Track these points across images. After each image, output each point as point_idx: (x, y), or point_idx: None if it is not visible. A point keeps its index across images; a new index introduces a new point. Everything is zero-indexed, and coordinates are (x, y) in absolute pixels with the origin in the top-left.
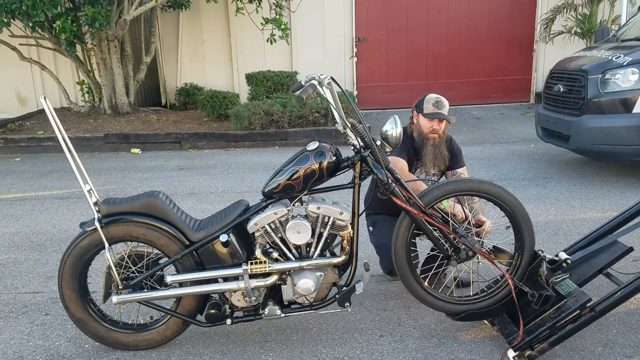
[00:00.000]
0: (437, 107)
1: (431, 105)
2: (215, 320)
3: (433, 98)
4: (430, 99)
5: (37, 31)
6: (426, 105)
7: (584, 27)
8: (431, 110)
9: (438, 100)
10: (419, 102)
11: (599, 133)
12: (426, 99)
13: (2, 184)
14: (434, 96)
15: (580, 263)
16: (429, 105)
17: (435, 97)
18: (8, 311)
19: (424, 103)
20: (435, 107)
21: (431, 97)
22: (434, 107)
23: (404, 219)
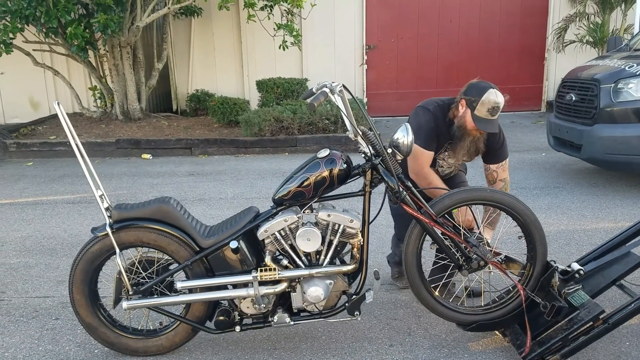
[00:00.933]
0: (492, 114)
1: (486, 110)
2: (224, 327)
3: (491, 102)
4: (487, 102)
5: (50, 37)
6: (480, 108)
7: (596, 36)
8: (484, 115)
9: (496, 106)
10: (474, 95)
11: (612, 142)
12: (483, 100)
13: (14, 188)
14: (492, 100)
15: (593, 274)
16: (482, 109)
17: (493, 102)
18: (19, 315)
19: (479, 103)
20: (490, 113)
21: (489, 99)
22: (487, 113)
23: (414, 228)
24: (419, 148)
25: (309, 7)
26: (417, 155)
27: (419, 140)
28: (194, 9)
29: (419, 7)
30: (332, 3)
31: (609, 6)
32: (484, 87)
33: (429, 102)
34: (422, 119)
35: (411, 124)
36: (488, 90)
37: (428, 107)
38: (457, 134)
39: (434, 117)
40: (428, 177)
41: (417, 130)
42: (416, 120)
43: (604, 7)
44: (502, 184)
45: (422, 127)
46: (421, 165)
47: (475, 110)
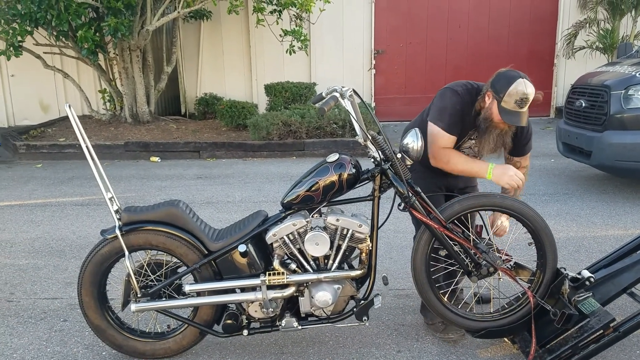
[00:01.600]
0: (520, 105)
1: (513, 102)
2: (232, 331)
3: (519, 93)
4: (515, 93)
5: (61, 40)
6: (507, 99)
7: (606, 43)
8: (512, 107)
9: (524, 97)
10: (501, 85)
11: (622, 149)
12: (510, 91)
13: (23, 189)
14: (520, 90)
15: (604, 282)
16: (510, 100)
17: (521, 93)
18: (27, 316)
19: (506, 94)
20: (518, 105)
21: (518, 90)
22: (515, 105)
23: (423, 233)
24: (438, 130)
25: (317, 11)
26: (436, 138)
27: (441, 122)
28: (204, 13)
29: (427, 12)
30: (340, 8)
31: (619, 12)
32: (512, 76)
33: (457, 83)
34: (449, 101)
35: (435, 104)
36: (517, 80)
37: (456, 88)
38: (483, 126)
39: (462, 100)
40: (447, 156)
41: (441, 111)
42: (442, 102)
43: (614, 13)
44: (524, 170)
45: (447, 108)
46: (438, 146)
47: (502, 101)
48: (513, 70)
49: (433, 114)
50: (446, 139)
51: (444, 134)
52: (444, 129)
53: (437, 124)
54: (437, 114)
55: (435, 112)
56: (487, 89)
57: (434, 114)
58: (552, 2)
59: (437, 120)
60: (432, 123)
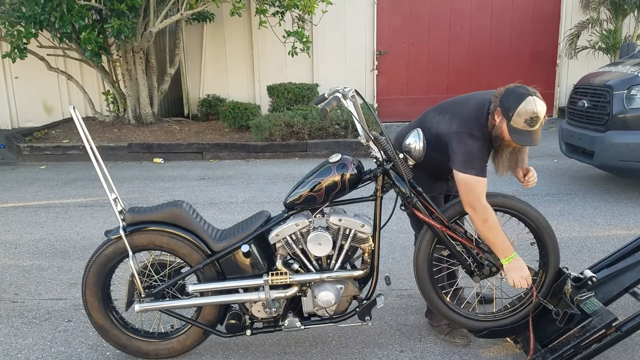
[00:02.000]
0: (531, 125)
1: (523, 121)
2: (235, 331)
3: (529, 112)
4: (524, 112)
5: (64, 42)
6: (516, 119)
7: (608, 43)
8: (522, 127)
9: (534, 116)
10: (510, 104)
11: (624, 149)
12: (519, 110)
13: (27, 191)
14: (530, 110)
15: (606, 281)
16: (519, 120)
17: (531, 112)
18: (31, 317)
19: (515, 113)
20: (528, 124)
21: (527, 109)
22: (525, 125)
23: (426, 233)
24: (473, 177)
25: (320, 13)
26: (472, 185)
27: (473, 170)
28: (206, 15)
29: (430, 12)
30: (343, 9)
31: (622, 12)
32: (522, 94)
33: (469, 125)
34: (472, 146)
35: (456, 150)
36: (526, 98)
37: (473, 132)
38: (495, 145)
39: (482, 139)
40: (487, 214)
41: (469, 157)
42: (464, 147)
43: (616, 14)
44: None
45: (475, 154)
46: (478, 196)
47: (511, 120)
48: (522, 86)
49: (459, 162)
50: (482, 184)
51: (480, 179)
52: (477, 174)
53: (470, 172)
54: (464, 162)
55: (462, 159)
56: (496, 106)
57: (461, 162)
58: (554, 3)
59: (468, 168)
60: (463, 173)
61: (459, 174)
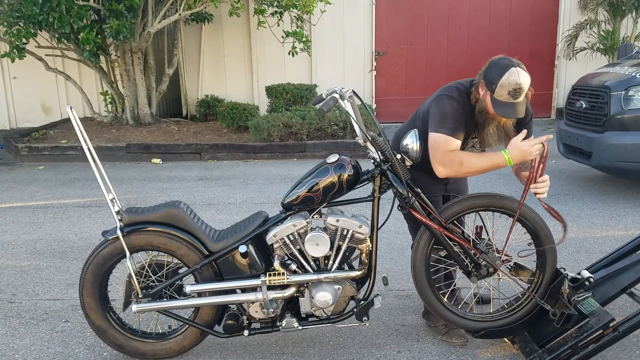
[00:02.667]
0: (514, 96)
1: (506, 93)
2: (232, 331)
3: (512, 84)
4: (507, 84)
5: (62, 42)
6: (499, 90)
7: (606, 44)
8: (505, 99)
9: (518, 88)
10: (493, 76)
11: (622, 150)
12: (502, 82)
13: (25, 191)
14: (513, 80)
15: (603, 282)
16: (503, 92)
17: (514, 83)
18: (29, 317)
19: (498, 85)
20: (512, 96)
21: (510, 80)
22: (509, 96)
23: (423, 234)
24: (443, 136)
25: (318, 13)
26: (440, 144)
27: (445, 129)
28: (205, 16)
29: (428, 14)
30: (341, 9)
31: (620, 13)
32: (505, 65)
33: (449, 89)
34: (448, 107)
35: (432, 112)
36: (509, 69)
37: (451, 94)
38: (480, 120)
39: (460, 104)
40: (459, 158)
41: (442, 118)
42: (440, 109)
43: (614, 15)
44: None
45: (448, 114)
46: (444, 151)
47: (494, 93)
48: (506, 57)
49: (433, 123)
50: (451, 143)
51: (448, 138)
52: (448, 134)
53: (441, 131)
54: (437, 122)
55: (436, 120)
56: (480, 79)
57: (434, 122)
58: (552, 3)
59: (439, 127)
60: (434, 132)
61: (430, 134)
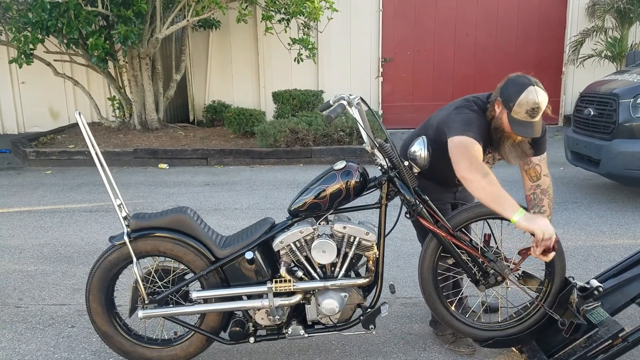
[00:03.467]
0: (532, 115)
1: (524, 112)
2: (238, 338)
3: (530, 103)
4: (525, 103)
5: (71, 48)
6: (517, 109)
7: (614, 51)
8: (522, 118)
9: (536, 107)
10: (510, 94)
11: (631, 158)
12: (520, 100)
13: (32, 196)
14: (531, 100)
15: (612, 291)
16: (520, 111)
17: (532, 102)
18: (35, 322)
19: (516, 104)
20: (529, 115)
21: (529, 99)
22: (526, 115)
23: (431, 241)
24: (468, 139)
25: (325, 20)
26: (468, 147)
27: (470, 132)
28: (213, 22)
29: (435, 20)
30: (348, 16)
31: (628, 21)
32: (523, 83)
33: (468, 102)
34: (471, 115)
35: (454, 119)
36: (527, 88)
37: (472, 107)
38: (495, 137)
39: (481, 117)
40: (486, 169)
41: (466, 123)
42: (464, 117)
43: (622, 22)
44: (548, 180)
45: (472, 120)
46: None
47: (511, 111)
48: (524, 76)
49: (456, 128)
50: (477, 148)
51: (474, 142)
52: (474, 138)
53: (467, 134)
54: (462, 127)
55: (460, 125)
56: (497, 96)
57: (459, 127)
58: (560, 11)
59: (465, 131)
60: (459, 135)
61: (454, 138)
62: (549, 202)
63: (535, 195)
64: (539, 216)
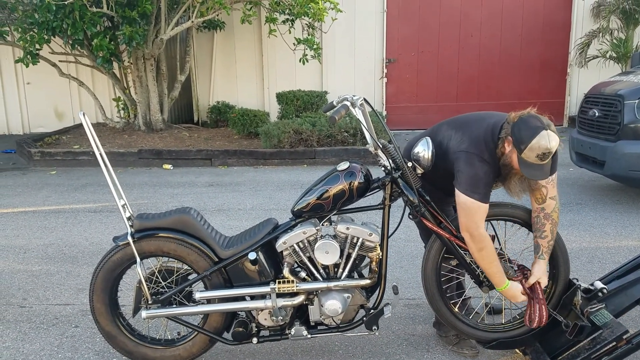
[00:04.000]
0: (542, 159)
1: (535, 155)
2: (241, 339)
3: (542, 148)
4: (537, 148)
5: (76, 48)
6: (528, 153)
7: (619, 52)
8: (532, 160)
9: (547, 152)
10: (522, 136)
11: (636, 159)
12: (532, 145)
13: (37, 196)
14: (544, 145)
15: (617, 293)
16: (531, 154)
17: (544, 148)
18: (39, 322)
19: (528, 148)
20: (539, 159)
21: (540, 145)
22: (537, 159)
23: (434, 242)
24: (475, 202)
25: (330, 20)
26: (473, 210)
27: (477, 194)
28: (217, 23)
29: (439, 21)
30: (353, 17)
31: (633, 21)
32: (535, 127)
33: (479, 147)
34: (480, 169)
35: (462, 171)
36: (539, 133)
37: (483, 156)
38: (503, 172)
39: (490, 166)
40: (484, 242)
41: (474, 181)
42: (471, 169)
43: (628, 23)
44: (553, 203)
45: (481, 178)
46: (477, 223)
47: (522, 153)
48: (536, 117)
49: (464, 183)
50: (483, 211)
51: (481, 205)
52: (480, 200)
53: (473, 197)
54: (469, 185)
55: (467, 181)
56: (508, 134)
57: (466, 184)
58: (565, 11)
59: (472, 192)
60: (465, 195)
61: (461, 195)
62: (552, 227)
63: (538, 219)
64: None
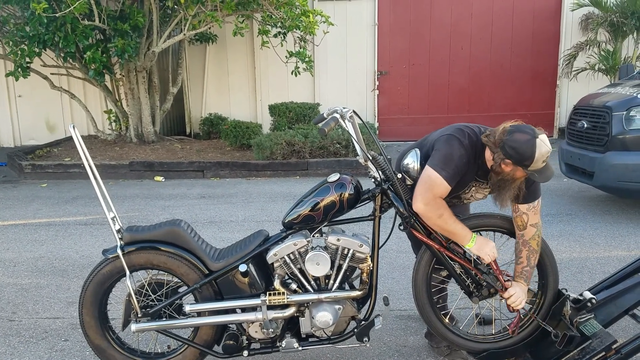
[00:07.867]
0: (544, 161)
1: (541, 162)
2: (232, 352)
3: (544, 154)
4: (540, 157)
5: (68, 61)
6: (534, 165)
7: (607, 64)
8: (540, 166)
9: (548, 154)
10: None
11: (624, 170)
12: (537, 158)
13: (28, 209)
14: (544, 151)
15: (606, 303)
16: (537, 164)
17: (545, 152)
18: (28, 336)
19: (534, 162)
20: (544, 162)
21: (542, 153)
22: (542, 164)
23: (424, 253)
24: (440, 178)
25: (322, 33)
26: (434, 185)
27: (444, 171)
28: (209, 36)
29: (430, 34)
30: (344, 30)
31: (621, 34)
32: (528, 141)
33: (462, 133)
34: (456, 151)
35: (439, 148)
36: (535, 143)
37: (463, 140)
38: (503, 185)
39: (467, 154)
40: (441, 209)
41: (447, 159)
42: (448, 149)
43: (615, 35)
44: (533, 230)
45: (454, 159)
46: (435, 194)
47: (529, 168)
48: (523, 129)
49: (436, 159)
50: (443, 189)
51: (444, 183)
52: (446, 179)
53: (440, 172)
54: (441, 162)
55: (440, 158)
56: (502, 159)
57: (438, 160)
58: (554, 24)
59: (440, 168)
60: (432, 169)
61: (428, 169)
62: (528, 254)
63: (517, 245)
64: (489, 242)
